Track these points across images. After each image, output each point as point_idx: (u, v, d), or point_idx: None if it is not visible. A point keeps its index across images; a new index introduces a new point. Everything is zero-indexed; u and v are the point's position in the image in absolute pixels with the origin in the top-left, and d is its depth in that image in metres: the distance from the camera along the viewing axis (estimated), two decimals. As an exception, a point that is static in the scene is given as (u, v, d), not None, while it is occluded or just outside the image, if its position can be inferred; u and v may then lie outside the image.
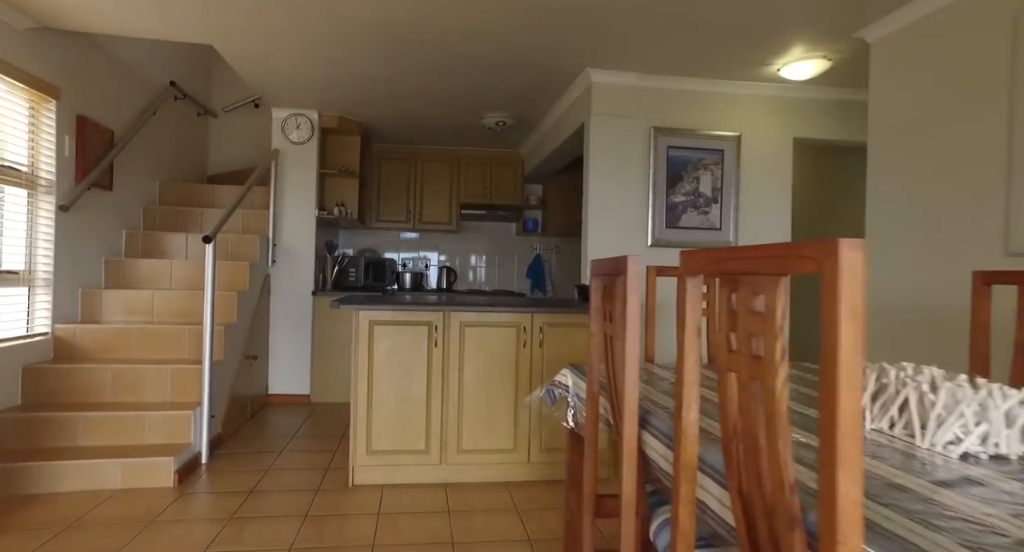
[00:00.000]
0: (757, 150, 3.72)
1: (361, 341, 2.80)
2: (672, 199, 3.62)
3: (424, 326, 2.85)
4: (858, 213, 3.74)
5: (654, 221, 3.59)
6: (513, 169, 6.01)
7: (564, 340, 2.95)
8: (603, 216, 3.58)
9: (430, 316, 2.85)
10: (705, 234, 3.64)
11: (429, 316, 2.85)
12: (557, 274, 6.38)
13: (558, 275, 6.38)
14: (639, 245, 3.61)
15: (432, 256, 6.23)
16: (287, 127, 4.60)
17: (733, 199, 3.66)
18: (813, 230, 4.75)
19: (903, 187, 2.69)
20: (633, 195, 3.61)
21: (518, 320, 2.91)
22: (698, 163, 3.64)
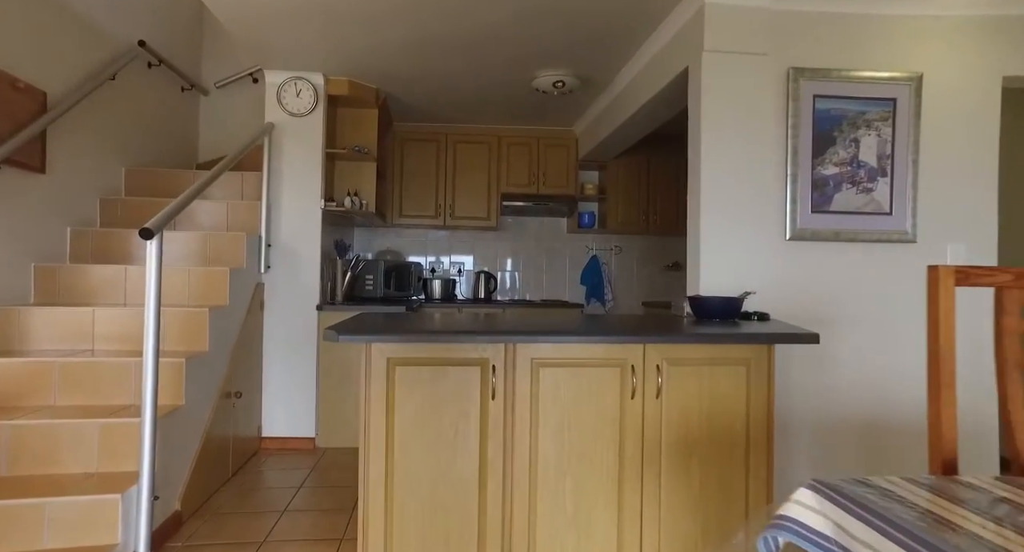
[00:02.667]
0: (946, 99, 2.58)
1: (375, 391, 1.75)
2: (820, 172, 2.51)
3: (475, 367, 1.79)
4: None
5: (794, 204, 2.48)
6: (566, 151, 4.94)
7: (695, 386, 1.85)
8: (718, 200, 2.48)
9: (484, 350, 1.78)
10: (868, 221, 2.52)
11: (482, 350, 1.78)
12: (619, 280, 5.27)
13: (620, 281, 5.27)
14: (772, 239, 2.51)
15: (466, 260, 5.18)
16: (284, 94, 3.60)
17: (909, 170, 2.53)
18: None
19: None
20: (763, 168, 2.50)
21: (622, 354, 1.82)
22: (858, 119, 2.52)
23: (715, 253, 2.48)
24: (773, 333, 1.75)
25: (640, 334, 1.76)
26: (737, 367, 1.87)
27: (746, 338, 1.75)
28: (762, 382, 1.87)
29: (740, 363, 1.87)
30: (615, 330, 1.80)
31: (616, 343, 1.77)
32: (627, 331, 1.80)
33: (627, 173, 4.96)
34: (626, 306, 5.25)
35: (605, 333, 1.75)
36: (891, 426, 2.54)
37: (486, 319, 2.14)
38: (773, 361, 1.87)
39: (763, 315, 2.33)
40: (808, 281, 2.52)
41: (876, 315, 2.54)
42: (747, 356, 1.87)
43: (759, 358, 1.87)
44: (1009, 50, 2.59)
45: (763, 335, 1.75)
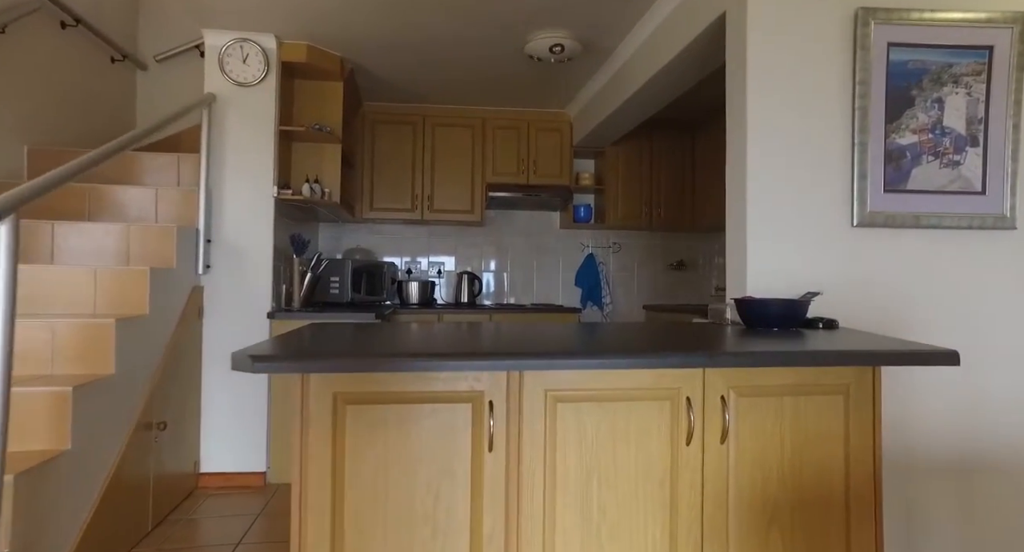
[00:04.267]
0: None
1: (315, 440, 1.17)
2: (895, 141, 1.99)
3: (463, 404, 1.22)
4: None
5: (863, 182, 1.96)
6: (559, 137, 4.39)
7: (774, 425, 1.31)
8: (766, 180, 1.96)
9: (478, 380, 1.22)
10: (954, 202, 2.01)
11: (475, 380, 1.22)
12: (619, 281, 4.74)
13: (620, 283, 4.74)
14: (834, 226, 1.98)
15: (447, 259, 4.60)
16: (228, 60, 3.00)
17: (1008, 138, 2.03)
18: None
19: None
20: (823, 138, 1.98)
21: (674, 383, 1.27)
22: (943, 74, 2.01)
23: (762, 245, 1.95)
24: (889, 351, 1.21)
25: (696, 352, 1.21)
26: (833, 397, 1.33)
27: (851, 358, 1.21)
28: (866, 417, 1.34)
29: (836, 391, 1.33)
30: (660, 347, 1.25)
31: (665, 367, 1.21)
32: (675, 348, 1.24)
33: (627, 161, 4.44)
34: (626, 310, 4.72)
35: (648, 353, 1.19)
36: (989, 463, 2.03)
37: (478, 334, 1.56)
38: (879, 389, 1.34)
39: (830, 322, 1.80)
40: (881, 278, 2.00)
41: (967, 321, 2.03)
42: (846, 381, 1.33)
43: (861, 384, 1.33)
44: None
45: (876, 353, 1.21)
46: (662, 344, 1.30)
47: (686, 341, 1.36)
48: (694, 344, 1.30)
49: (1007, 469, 2.03)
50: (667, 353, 1.17)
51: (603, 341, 1.35)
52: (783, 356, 1.17)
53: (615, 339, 1.39)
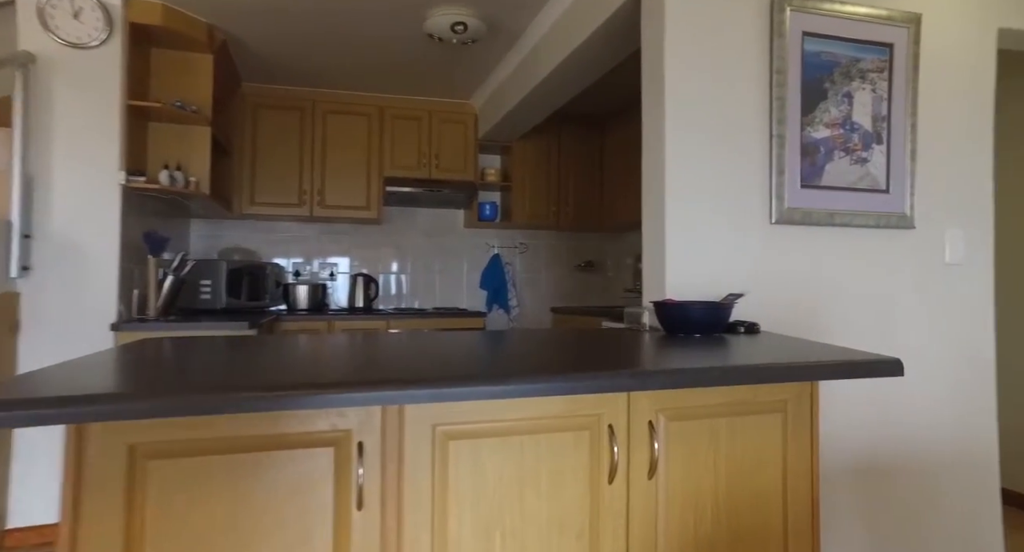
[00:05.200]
0: (942, 51, 2.09)
1: (101, 516, 0.82)
2: (810, 134, 1.91)
3: (323, 449, 0.91)
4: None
5: (781, 176, 1.86)
6: (463, 129, 4.12)
7: (708, 452, 1.11)
8: (685, 173, 1.80)
9: (344, 417, 0.92)
10: (863, 200, 1.95)
11: (340, 417, 0.92)
12: (525, 284, 4.54)
13: (527, 285, 4.54)
14: (754, 223, 1.86)
15: (341, 260, 4.19)
16: (52, 12, 2.46)
17: (907, 137, 2.00)
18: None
19: None
20: (741, 129, 1.85)
21: (594, 409, 1.04)
22: (851, 68, 1.95)
23: (682, 243, 1.79)
24: (836, 363, 1.05)
25: (621, 372, 0.98)
26: (770, 415, 1.15)
27: (796, 372, 1.03)
28: (804, 436, 1.18)
29: (774, 408, 1.16)
30: (579, 366, 1.01)
31: (583, 391, 0.97)
32: (595, 366, 1.01)
33: (534, 157, 4.26)
34: (533, 313, 4.54)
35: (565, 375, 0.94)
36: (898, 464, 1.99)
37: (354, 352, 1.26)
38: (817, 403, 1.18)
39: (751, 326, 1.66)
40: (799, 278, 1.90)
41: (877, 322, 1.99)
42: (784, 397, 1.16)
43: (800, 399, 1.17)
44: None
45: (823, 366, 1.05)
46: (580, 362, 1.06)
47: (605, 355, 1.14)
48: (615, 360, 1.07)
49: (914, 468, 2.01)
50: (587, 375, 0.93)
51: (508, 359, 1.09)
52: (724, 374, 0.97)
53: (523, 355, 1.14)
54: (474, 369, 0.95)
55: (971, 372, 2.10)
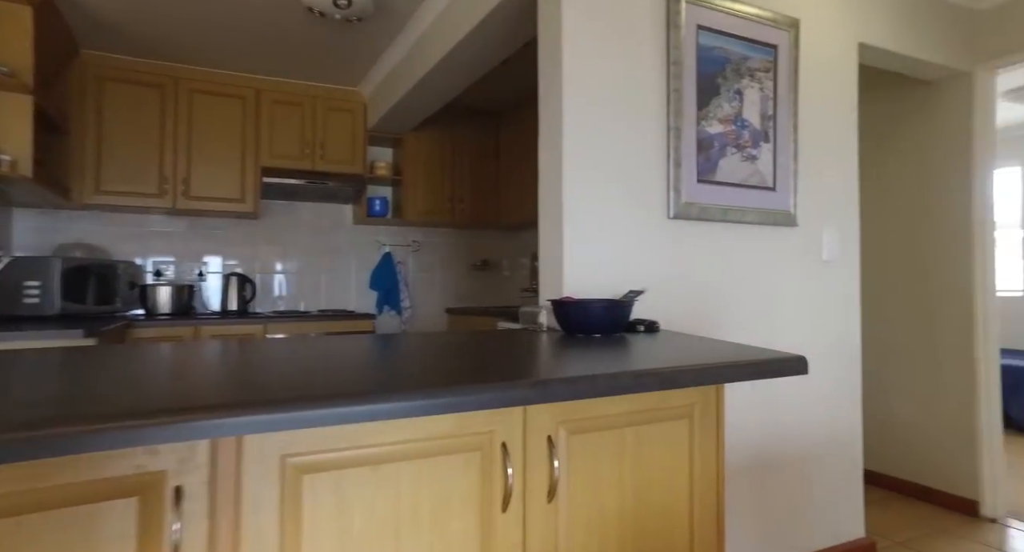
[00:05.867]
0: (815, 57, 2.17)
1: None
2: (705, 129, 1.89)
3: (125, 500, 0.68)
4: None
5: (678, 169, 1.82)
6: (351, 118, 3.84)
7: (614, 467, 0.99)
8: (583, 163, 1.70)
9: (155, 457, 0.69)
10: (753, 196, 1.97)
11: (151, 457, 0.69)
12: (419, 283, 4.33)
13: (420, 285, 4.33)
14: (652, 218, 1.81)
15: (212, 259, 3.75)
16: None
17: (790, 135, 2.05)
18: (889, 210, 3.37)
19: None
20: (640, 120, 1.79)
21: (484, 426, 0.88)
22: (741, 65, 1.96)
23: (580, 239, 1.70)
24: (744, 363, 0.98)
25: (517, 383, 0.83)
26: (677, 422, 1.06)
27: (706, 375, 0.94)
28: (710, 442, 1.10)
29: (681, 414, 1.07)
30: (468, 377, 0.85)
31: (472, 408, 0.81)
32: (486, 376, 0.86)
33: (428, 151, 4.06)
34: (427, 314, 4.33)
35: (450, 388, 0.78)
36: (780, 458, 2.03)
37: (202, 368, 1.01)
38: (723, 406, 1.11)
39: (651, 324, 1.60)
40: (696, 274, 1.87)
41: (766, 320, 2.01)
42: (691, 401, 1.07)
43: (706, 403, 1.09)
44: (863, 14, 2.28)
45: (732, 367, 0.96)
46: (471, 370, 0.90)
47: (499, 361, 0.99)
48: (511, 367, 0.93)
49: (795, 457, 2.06)
50: (478, 387, 0.78)
51: (386, 369, 0.91)
52: (636, 380, 0.86)
53: (405, 364, 0.97)
54: (339, 384, 0.76)
55: (841, 364, 2.20)
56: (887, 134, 3.01)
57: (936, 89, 2.79)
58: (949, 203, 2.75)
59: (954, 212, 2.73)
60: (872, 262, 3.08)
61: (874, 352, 3.04)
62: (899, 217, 2.96)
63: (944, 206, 2.77)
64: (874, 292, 3.06)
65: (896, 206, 2.97)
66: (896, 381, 2.95)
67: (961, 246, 2.71)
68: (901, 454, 2.92)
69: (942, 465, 2.76)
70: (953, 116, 2.73)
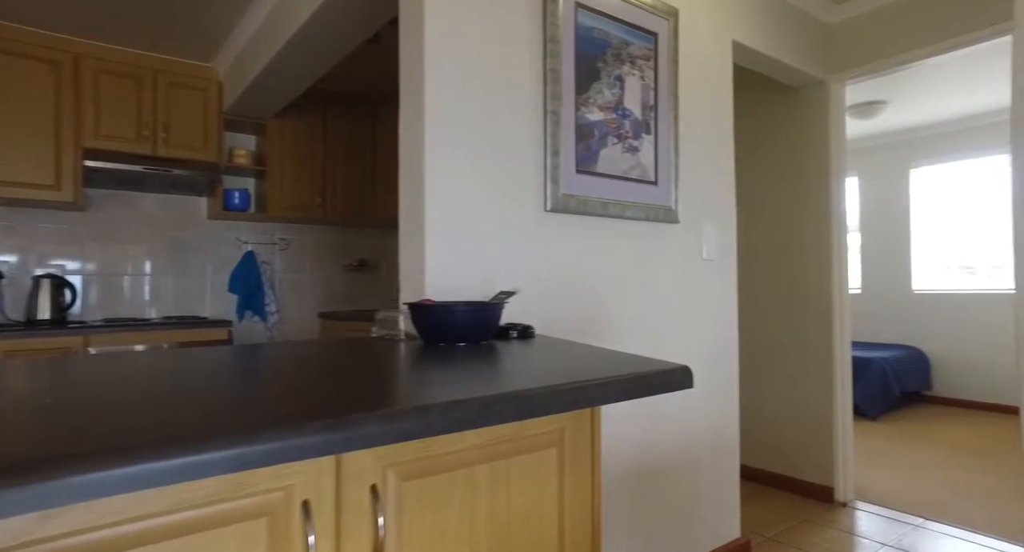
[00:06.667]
0: (693, 50, 2.11)
1: None
2: (585, 115, 1.74)
3: None
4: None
5: (556, 157, 1.66)
6: (203, 98, 3.36)
7: (467, 515, 0.78)
8: (449, 150, 1.49)
9: None
10: (636, 190, 1.86)
11: None
12: (288, 286, 3.90)
13: (289, 287, 3.91)
14: (531, 209, 1.63)
15: (10, 257, 3.11)
16: None
17: (671, 128, 1.97)
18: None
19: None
20: (514, 103, 1.61)
21: (275, 481, 0.63)
22: (622, 51, 1.84)
23: (445, 234, 1.48)
24: (624, 379, 0.80)
25: (313, 426, 0.58)
26: (543, 452, 0.87)
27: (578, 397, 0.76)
28: (583, 471, 0.92)
29: (548, 442, 0.88)
30: (265, 408, 0.60)
31: (247, 466, 0.55)
32: (280, 409, 0.62)
33: (296, 140, 3.67)
34: (298, 319, 3.93)
35: (208, 442, 0.53)
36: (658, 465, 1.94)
37: None
38: (599, 426, 0.94)
39: (525, 329, 1.42)
40: (575, 272, 1.72)
41: (648, 321, 1.91)
42: (560, 426, 0.89)
43: (579, 426, 0.91)
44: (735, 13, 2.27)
45: (610, 384, 0.79)
46: (272, 401, 0.65)
47: (324, 384, 0.74)
48: (331, 393, 0.69)
49: (679, 460, 1.98)
50: (250, 437, 0.53)
51: (153, 404, 0.63)
52: (479, 410, 0.65)
53: (191, 394, 0.69)
54: (55, 441, 0.48)
55: (721, 365, 2.17)
56: (758, 138, 3.09)
57: (801, 96, 2.89)
58: (811, 207, 2.86)
59: (815, 216, 2.84)
60: (744, 261, 3.15)
61: (745, 349, 3.10)
62: (768, 218, 3.05)
63: (807, 210, 2.88)
64: (746, 291, 3.13)
65: (765, 208, 3.06)
66: (765, 376, 3.03)
67: (821, 248, 2.82)
68: (770, 447, 3.00)
69: (805, 455, 2.86)
70: (814, 124, 2.84)
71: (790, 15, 2.57)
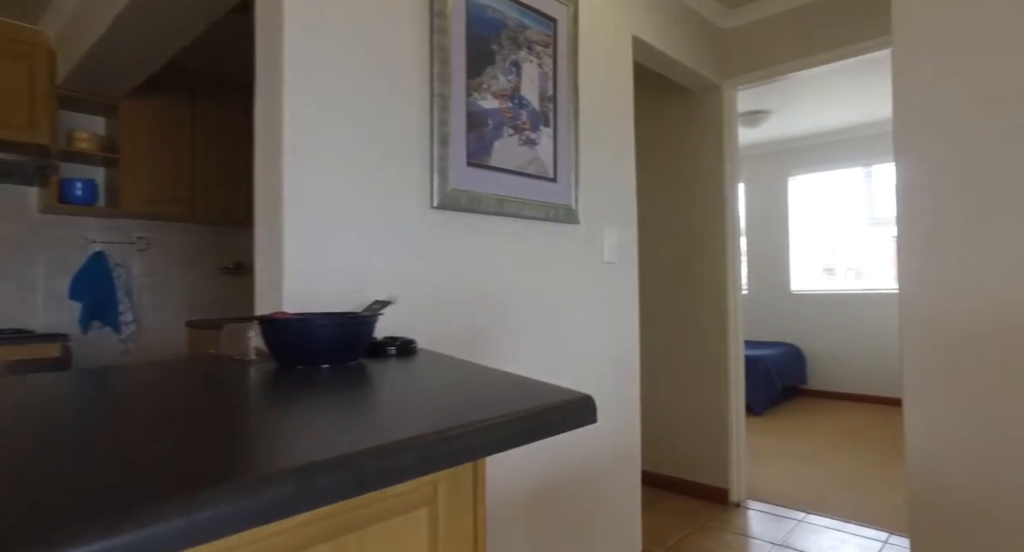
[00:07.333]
0: (595, 41, 2.00)
1: None
2: (477, 102, 1.56)
3: None
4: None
5: (445, 148, 1.46)
6: (28, 68, 2.82)
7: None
8: (315, 137, 1.25)
9: None
10: (534, 187, 1.71)
11: None
12: (149, 291, 3.41)
13: (151, 293, 3.41)
14: (415, 205, 1.42)
15: None
16: None
17: (571, 122, 1.84)
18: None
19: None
20: (395, 84, 1.40)
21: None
22: (519, 34, 1.68)
23: (307, 235, 1.24)
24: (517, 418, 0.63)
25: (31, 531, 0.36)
26: (408, 516, 0.67)
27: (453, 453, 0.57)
28: (464, 531, 0.73)
29: (416, 502, 0.68)
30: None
31: None
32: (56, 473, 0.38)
33: (156, 125, 3.20)
34: (161, 329, 3.44)
35: None
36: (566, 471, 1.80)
37: None
38: (483, 477, 0.75)
39: (406, 344, 1.21)
40: (465, 277, 1.53)
41: (552, 329, 1.76)
42: (432, 481, 0.69)
43: (456, 480, 0.72)
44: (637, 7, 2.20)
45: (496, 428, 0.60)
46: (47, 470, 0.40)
47: (99, 445, 0.50)
48: (141, 450, 0.45)
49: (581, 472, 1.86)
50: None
51: None
52: (297, 490, 0.44)
53: None
54: None
55: (623, 374, 2.08)
56: (655, 139, 3.07)
57: (697, 100, 2.90)
58: (706, 210, 2.88)
59: (709, 219, 2.86)
60: (644, 263, 3.12)
61: (641, 352, 3.08)
62: (663, 221, 3.04)
63: (702, 213, 2.89)
64: (641, 294, 3.10)
65: (661, 210, 3.05)
66: (661, 379, 3.02)
67: (716, 250, 2.84)
68: (668, 451, 2.99)
69: (700, 457, 2.87)
70: (710, 128, 2.86)
71: (688, 17, 2.55)
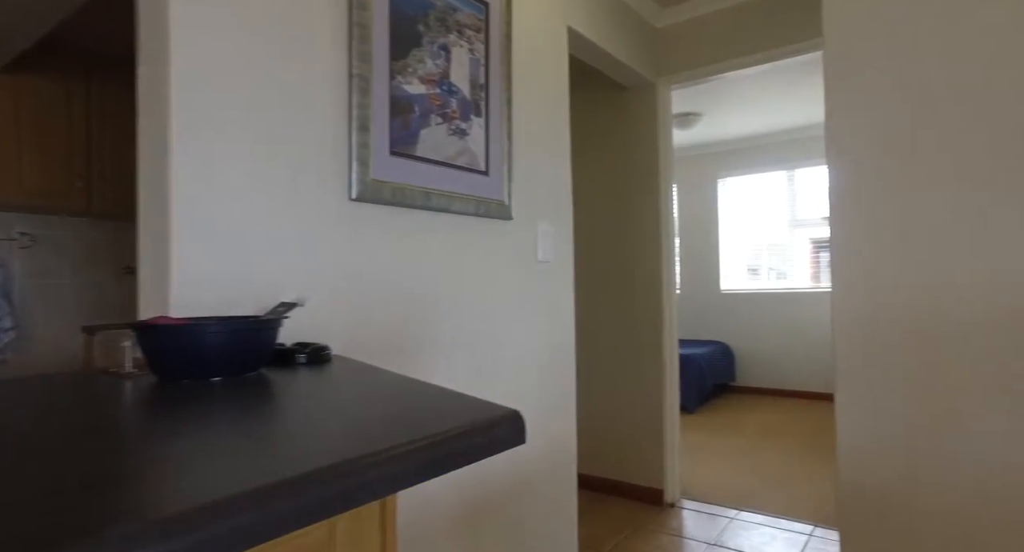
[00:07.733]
0: (529, 28, 1.91)
1: None
2: (402, 86, 1.43)
3: None
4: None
5: (365, 134, 1.33)
6: None
7: None
8: (209, 126, 1.09)
9: None
10: (464, 180, 1.60)
11: None
12: (37, 294, 3.04)
13: (40, 296, 3.05)
14: (331, 197, 1.28)
15: None
16: None
17: (504, 113, 1.74)
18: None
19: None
20: (310, 62, 1.25)
21: None
22: (446, 17, 1.57)
23: (201, 230, 1.08)
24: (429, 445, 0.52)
25: None
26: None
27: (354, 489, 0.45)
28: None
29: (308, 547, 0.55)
30: None
31: None
32: None
33: (41, 104, 2.86)
34: (50, 336, 3.09)
35: None
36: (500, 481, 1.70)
37: None
38: (392, 517, 0.64)
39: (318, 350, 1.07)
40: (390, 276, 1.40)
41: (475, 333, 1.66)
42: (330, 521, 0.57)
43: (359, 519, 0.60)
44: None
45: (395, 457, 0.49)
46: None
47: None
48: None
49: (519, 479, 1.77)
50: None
51: None
52: None
53: None
54: None
55: (558, 377, 2.00)
56: (590, 135, 3.03)
57: (632, 97, 2.88)
58: (640, 209, 2.86)
59: (644, 217, 2.85)
60: (580, 262, 3.08)
61: (581, 354, 3.03)
62: (597, 218, 3.00)
63: (636, 211, 2.87)
64: (581, 293, 3.06)
65: (595, 207, 3.01)
66: (596, 380, 2.98)
67: (651, 249, 2.83)
68: (603, 452, 2.95)
69: (635, 459, 2.85)
70: (645, 126, 2.84)
71: (623, 13, 2.52)
